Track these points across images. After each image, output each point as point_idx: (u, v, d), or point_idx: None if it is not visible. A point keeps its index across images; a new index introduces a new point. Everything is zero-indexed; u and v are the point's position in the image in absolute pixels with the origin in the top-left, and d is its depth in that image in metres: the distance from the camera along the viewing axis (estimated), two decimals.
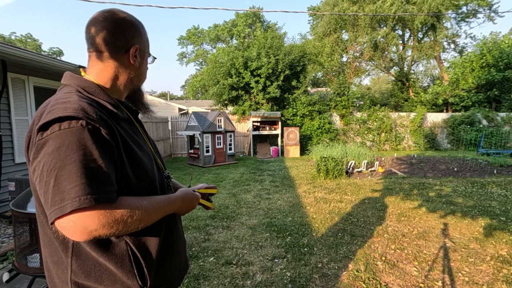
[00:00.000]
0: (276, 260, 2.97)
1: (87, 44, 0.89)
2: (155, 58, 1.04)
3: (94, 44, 0.87)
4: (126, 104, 0.96)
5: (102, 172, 0.70)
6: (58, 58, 22.89)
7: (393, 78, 24.24)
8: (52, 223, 0.66)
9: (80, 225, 0.65)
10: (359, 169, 7.79)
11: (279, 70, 12.44)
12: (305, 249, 3.21)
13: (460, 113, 13.95)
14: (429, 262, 2.91)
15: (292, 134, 11.60)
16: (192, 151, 9.90)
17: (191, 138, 10.11)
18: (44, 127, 0.70)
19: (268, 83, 12.49)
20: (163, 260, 0.91)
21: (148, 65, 1.03)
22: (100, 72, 0.89)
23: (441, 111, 17.81)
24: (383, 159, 9.40)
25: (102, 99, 0.85)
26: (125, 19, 0.90)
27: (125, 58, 0.90)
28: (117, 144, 0.78)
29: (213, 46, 34.21)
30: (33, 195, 0.82)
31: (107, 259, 0.78)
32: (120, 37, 0.89)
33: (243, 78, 12.50)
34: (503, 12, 20.90)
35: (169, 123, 12.24)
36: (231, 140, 10.19)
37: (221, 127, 9.67)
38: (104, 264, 0.78)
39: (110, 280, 0.79)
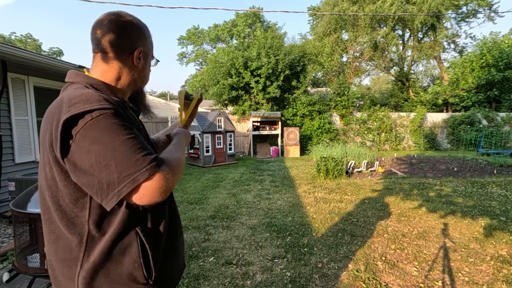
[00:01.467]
0: (276, 260, 2.97)
1: (92, 45, 0.91)
2: (158, 61, 1.06)
3: (100, 45, 0.89)
4: (128, 105, 0.99)
5: (145, 144, 0.78)
6: (58, 58, 22.89)
7: (393, 78, 24.25)
8: (124, 198, 0.73)
9: (157, 188, 0.74)
10: (359, 169, 7.79)
11: (279, 70, 12.44)
12: (305, 249, 3.21)
13: (460, 113, 13.96)
14: (429, 262, 2.91)
15: (292, 134, 11.60)
16: (192, 151, 9.90)
17: (191, 138, 10.10)
18: (73, 121, 0.73)
19: (268, 83, 12.49)
20: (167, 255, 0.93)
21: (151, 68, 1.04)
22: (104, 72, 0.90)
23: (441, 111, 17.81)
24: (383, 159, 9.41)
25: (109, 96, 0.86)
26: (130, 21, 0.93)
27: (129, 59, 0.92)
28: (137, 128, 0.84)
29: (213, 46, 34.20)
30: (41, 192, 0.83)
31: (117, 250, 0.80)
32: (125, 39, 0.91)
33: (243, 78, 12.50)
34: (503, 12, 20.90)
35: (169, 123, 12.24)
36: (231, 140, 10.19)
37: (221, 127, 9.67)
38: (113, 257, 0.80)
39: (117, 273, 0.80)
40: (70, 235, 0.79)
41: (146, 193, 0.73)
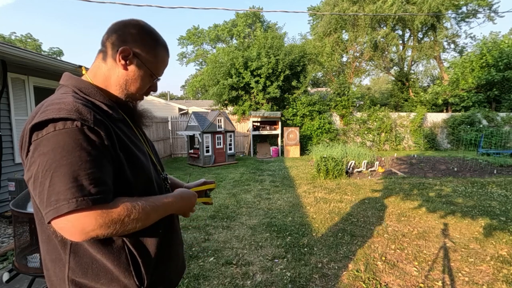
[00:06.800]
0: (276, 260, 2.97)
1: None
2: (159, 79, 0.98)
3: (102, 44, 0.90)
4: (124, 105, 0.95)
5: (98, 173, 0.70)
6: (58, 58, 22.88)
7: (393, 78, 24.24)
8: (49, 223, 0.67)
9: (78, 226, 0.66)
10: (359, 169, 7.78)
11: (279, 70, 12.44)
12: (305, 249, 3.21)
13: (460, 113, 13.96)
14: (429, 262, 2.91)
15: (292, 134, 11.60)
16: (192, 151, 9.90)
17: (191, 138, 10.11)
18: (38, 127, 0.70)
19: (268, 83, 12.49)
20: (161, 260, 0.90)
21: (151, 82, 0.96)
22: (98, 71, 0.90)
23: (441, 111, 17.81)
24: (383, 159, 9.40)
25: (98, 100, 0.84)
26: (136, 22, 0.90)
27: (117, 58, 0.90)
28: (113, 144, 0.77)
29: (213, 46, 34.22)
30: (30, 193, 0.82)
31: (104, 256, 0.78)
32: (120, 36, 0.87)
33: (243, 78, 12.50)
34: (503, 12, 20.90)
35: (169, 123, 12.23)
36: (231, 140, 10.19)
37: (221, 127, 9.67)
38: (101, 262, 0.78)
39: (107, 278, 0.79)
40: (54, 237, 0.78)
41: (63, 227, 0.66)
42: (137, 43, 0.88)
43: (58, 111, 0.70)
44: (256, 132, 12.14)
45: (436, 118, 14.01)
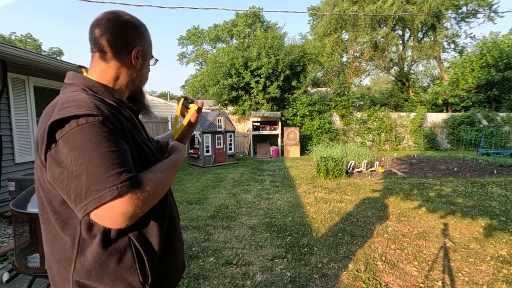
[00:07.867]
0: (276, 260, 2.97)
1: (90, 44, 0.91)
2: (157, 60, 1.05)
3: (98, 44, 0.89)
4: (127, 105, 0.98)
5: (127, 160, 0.75)
6: (58, 58, 22.88)
7: (393, 78, 24.24)
8: (88, 214, 0.69)
9: (120, 212, 0.69)
10: (359, 169, 7.78)
11: (279, 70, 12.44)
12: (305, 249, 3.21)
13: (460, 113, 13.96)
14: (429, 262, 2.91)
15: (292, 134, 11.60)
16: (192, 151, 9.90)
17: (191, 138, 10.12)
18: (59, 125, 0.71)
19: (268, 83, 12.48)
20: (163, 258, 0.92)
21: (150, 67, 1.04)
22: (102, 72, 0.90)
23: (441, 111, 17.81)
24: (383, 159, 9.40)
25: (107, 98, 0.86)
26: (128, 20, 0.92)
27: (127, 59, 0.92)
28: (127, 139, 0.81)
29: (213, 46, 34.20)
30: (38, 192, 0.82)
31: (110, 255, 0.79)
32: (123, 38, 0.90)
33: (243, 78, 12.49)
34: (503, 12, 20.87)
35: (169, 123, 12.24)
36: (231, 140, 10.19)
37: (221, 127, 9.67)
38: (106, 262, 0.79)
39: (111, 279, 0.79)
40: (64, 236, 0.79)
41: (105, 216, 0.69)
42: (138, 38, 0.94)
43: (78, 108, 0.72)
44: (256, 132, 12.14)
45: (436, 118, 14.01)
